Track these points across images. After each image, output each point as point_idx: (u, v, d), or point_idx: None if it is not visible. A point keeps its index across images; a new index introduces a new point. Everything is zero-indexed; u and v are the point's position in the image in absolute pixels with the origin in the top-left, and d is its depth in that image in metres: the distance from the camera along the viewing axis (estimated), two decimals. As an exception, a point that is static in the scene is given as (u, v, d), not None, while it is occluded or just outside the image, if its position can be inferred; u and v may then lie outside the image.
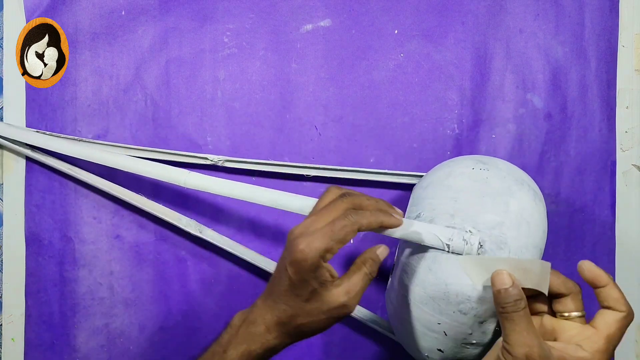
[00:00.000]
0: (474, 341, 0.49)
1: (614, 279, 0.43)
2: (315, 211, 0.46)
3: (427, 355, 0.53)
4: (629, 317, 0.42)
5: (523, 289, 0.44)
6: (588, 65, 0.66)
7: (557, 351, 0.41)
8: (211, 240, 0.65)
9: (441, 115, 0.66)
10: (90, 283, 0.67)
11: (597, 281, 0.43)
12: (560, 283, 0.44)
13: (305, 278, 0.44)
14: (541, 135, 0.66)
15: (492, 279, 0.44)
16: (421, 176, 0.61)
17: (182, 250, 0.67)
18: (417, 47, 0.66)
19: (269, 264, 0.65)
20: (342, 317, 0.45)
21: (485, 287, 0.47)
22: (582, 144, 0.66)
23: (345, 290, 0.45)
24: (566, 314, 0.44)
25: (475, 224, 0.49)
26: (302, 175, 0.65)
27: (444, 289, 0.48)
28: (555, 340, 0.44)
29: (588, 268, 0.43)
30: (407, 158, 0.66)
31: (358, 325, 0.66)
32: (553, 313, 0.46)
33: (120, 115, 0.67)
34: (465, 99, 0.66)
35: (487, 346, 0.50)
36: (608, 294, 0.43)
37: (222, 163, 0.65)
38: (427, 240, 0.48)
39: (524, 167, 0.64)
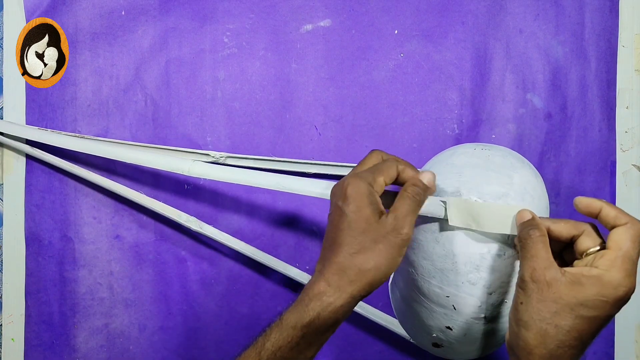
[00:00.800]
0: (483, 315, 0.49)
1: (606, 201, 0.45)
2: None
3: (436, 336, 0.52)
4: (634, 226, 0.43)
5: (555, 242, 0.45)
6: (588, 65, 0.66)
7: (570, 275, 0.42)
8: (211, 236, 0.65)
9: (441, 115, 0.66)
10: (90, 283, 0.67)
11: (592, 209, 0.44)
12: (571, 226, 0.45)
13: (359, 205, 0.44)
14: (541, 135, 0.66)
15: (517, 216, 0.46)
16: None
17: (182, 250, 0.67)
18: (417, 47, 0.66)
19: (269, 260, 0.65)
20: (399, 246, 0.45)
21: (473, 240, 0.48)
22: (582, 144, 0.66)
23: (392, 216, 0.45)
24: (591, 250, 0.44)
25: (481, 194, 0.49)
26: (304, 172, 0.65)
27: (452, 259, 0.48)
28: None
29: (580, 201, 0.45)
30: (407, 158, 0.64)
31: (360, 323, 0.66)
32: (577, 258, 0.46)
33: (120, 115, 0.67)
34: (465, 99, 0.66)
35: (496, 322, 0.50)
36: (607, 215, 0.44)
37: (224, 159, 0.65)
38: (432, 209, 0.48)
39: (524, 167, 0.64)
